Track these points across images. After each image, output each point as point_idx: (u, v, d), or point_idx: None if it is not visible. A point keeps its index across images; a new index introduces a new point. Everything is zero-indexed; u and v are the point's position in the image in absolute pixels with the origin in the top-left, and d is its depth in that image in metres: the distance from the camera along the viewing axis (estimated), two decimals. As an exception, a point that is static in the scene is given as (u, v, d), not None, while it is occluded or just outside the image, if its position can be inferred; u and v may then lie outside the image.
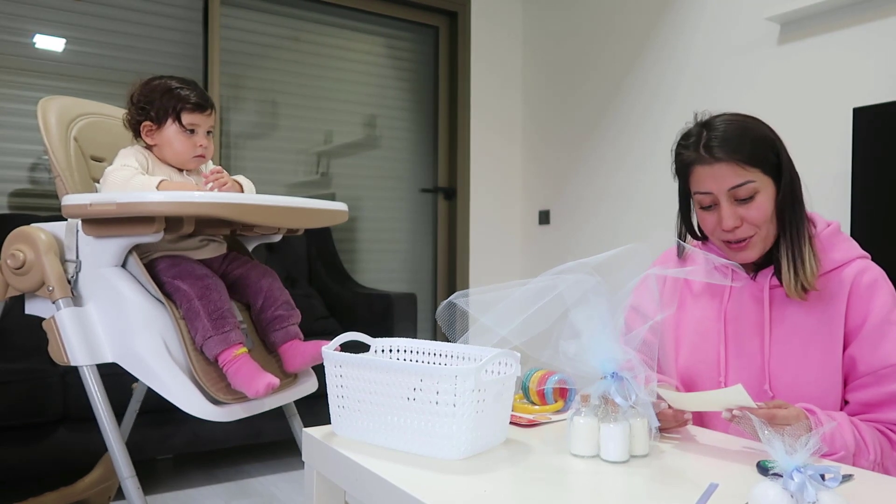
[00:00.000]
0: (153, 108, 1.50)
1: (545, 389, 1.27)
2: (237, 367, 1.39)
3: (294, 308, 1.59)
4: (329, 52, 3.52)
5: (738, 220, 1.19)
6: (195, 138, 1.52)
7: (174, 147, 1.51)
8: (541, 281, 1.05)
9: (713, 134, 1.19)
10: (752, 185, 1.18)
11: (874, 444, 1.10)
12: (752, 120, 1.23)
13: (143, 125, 1.52)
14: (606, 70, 3.40)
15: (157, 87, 1.52)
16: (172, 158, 1.53)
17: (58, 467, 2.15)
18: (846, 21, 2.43)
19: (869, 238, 2.14)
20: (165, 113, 1.50)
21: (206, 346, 1.41)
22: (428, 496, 0.84)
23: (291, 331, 1.56)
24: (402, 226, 3.77)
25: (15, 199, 2.78)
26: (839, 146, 2.40)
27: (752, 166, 1.18)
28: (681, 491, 0.88)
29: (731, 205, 1.19)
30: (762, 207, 1.19)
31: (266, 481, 2.48)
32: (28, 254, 1.45)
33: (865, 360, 1.16)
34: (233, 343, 1.41)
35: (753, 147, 1.18)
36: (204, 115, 1.53)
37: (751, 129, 1.21)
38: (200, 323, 1.40)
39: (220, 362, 1.41)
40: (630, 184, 3.27)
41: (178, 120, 1.50)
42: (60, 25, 2.87)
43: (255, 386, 1.37)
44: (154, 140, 1.52)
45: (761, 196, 1.19)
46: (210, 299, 1.42)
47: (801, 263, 1.18)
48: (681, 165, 1.26)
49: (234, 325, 1.43)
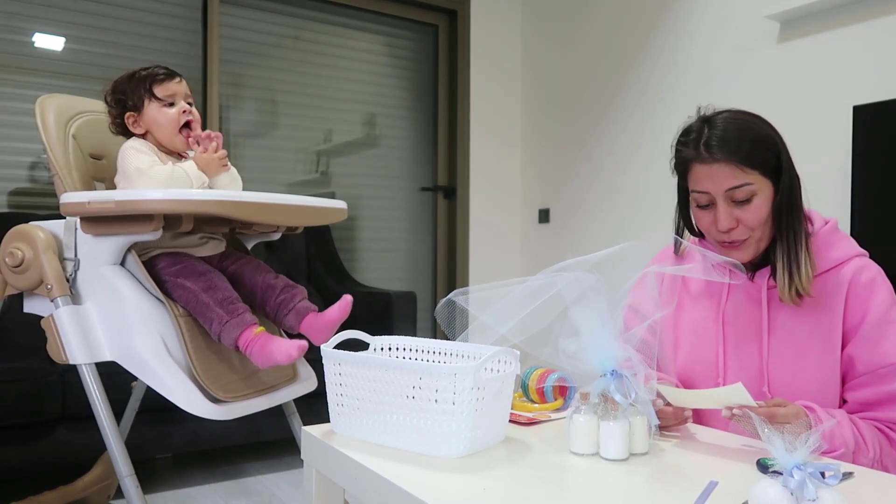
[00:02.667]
0: (127, 96, 1.51)
1: (545, 387, 1.27)
2: (261, 343, 1.38)
3: (296, 286, 1.56)
4: (328, 50, 3.52)
5: (733, 222, 1.18)
6: (176, 108, 1.52)
7: (160, 123, 1.51)
8: (540, 279, 1.05)
9: (713, 132, 1.17)
10: (749, 187, 1.16)
11: (873, 441, 1.10)
12: (755, 119, 1.21)
13: (127, 117, 1.52)
14: (606, 68, 3.40)
15: (122, 79, 1.53)
16: (163, 138, 1.52)
17: (57, 466, 2.15)
18: (846, 19, 2.43)
19: (868, 236, 2.14)
20: (140, 95, 1.50)
21: (224, 332, 1.39)
22: (427, 494, 0.84)
23: (302, 307, 1.52)
24: (401, 224, 3.77)
25: (14, 197, 2.77)
26: (839, 144, 2.40)
27: (751, 168, 1.16)
28: (680, 489, 0.88)
29: (728, 206, 1.18)
30: (759, 210, 1.17)
31: (265, 480, 2.48)
32: (26, 252, 1.45)
33: (864, 359, 1.15)
34: (249, 324, 1.40)
35: (753, 148, 1.16)
36: (175, 82, 1.53)
37: (752, 129, 1.19)
38: (213, 313, 1.40)
39: (242, 345, 1.39)
40: (630, 182, 3.27)
41: (153, 96, 1.50)
42: (60, 24, 2.87)
43: (287, 351, 1.35)
44: (141, 127, 1.52)
45: (758, 198, 1.17)
46: (217, 289, 1.42)
47: (796, 268, 1.17)
48: (680, 162, 1.24)
49: (246, 308, 1.43)
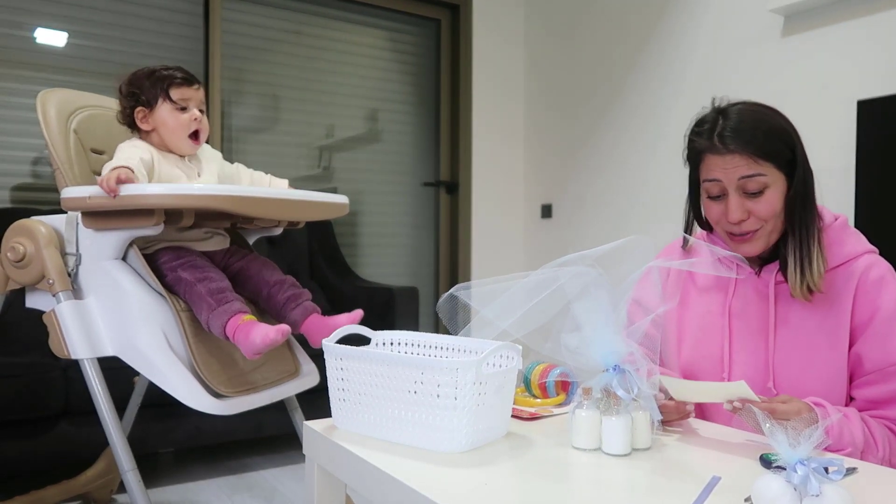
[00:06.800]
0: (143, 92, 1.51)
1: (547, 382, 1.27)
2: (247, 329, 1.36)
3: (302, 288, 1.58)
4: (330, 45, 3.51)
5: (744, 214, 1.17)
6: (188, 113, 1.52)
7: (169, 125, 1.51)
8: (542, 274, 1.04)
9: (728, 123, 1.16)
10: (762, 178, 1.15)
11: (884, 441, 1.09)
12: (771, 111, 1.20)
13: (137, 111, 1.52)
14: (610, 63, 3.39)
15: (142, 73, 1.53)
16: (169, 139, 1.52)
17: (60, 461, 2.15)
18: (850, 13, 2.42)
19: (873, 231, 2.12)
20: (155, 94, 1.50)
21: (212, 320, 1.39)
22: (429, 489, 0.83)
23: (309, 306, 1.54)
24: (403, 220, 3.76)
25: (16, 192, 2.77)
26: (843, 139, 2.39)
27: (765, 160, 1.15)
28: (683, 484, 0.87)
29: (740, 197, 1.17)
30: (771, 202, 1.16)
31: (268, 475, 2.48)
32: (28, 247, 1.45)
33: (872, 356, 1.14)
34: (237, 311, 1.39)
35: (768, 140, 1.15)
36: (192, 88, 1.53)
37: (767, 121, 1.18)
38: (204, 302, 1.40)
39: (229, 332, 1.38)
40: (633, 178, 3.26)
41: (168, 97, 1.50)
42: (61, 19, 2.87)
43: (264, 333, 1.34)
44: (149, 124, 1.52)
45: (771, 191, 1.16)
46: (210, 280, 1.43)
47: (808, 264, 1.16)
48: (692, 152, 1.23)
49: (237, 297, 1.42)
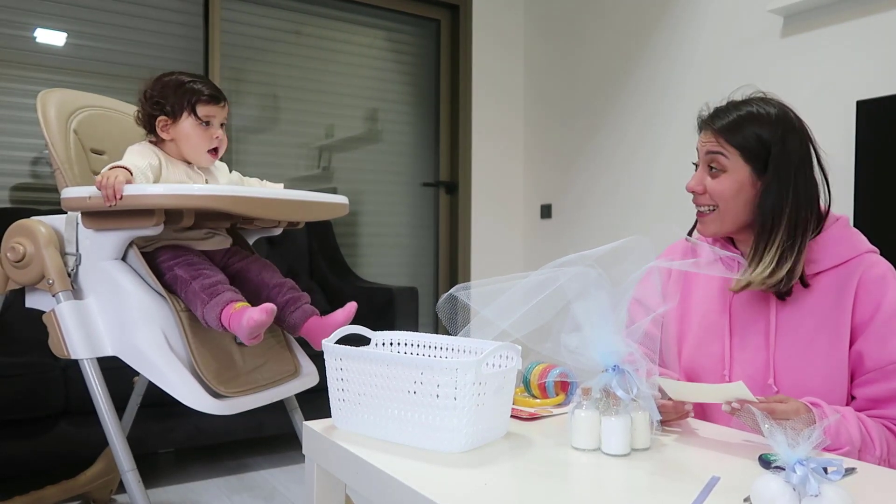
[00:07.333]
0: (168, 102, 1.50)
1: (546, 383, 1.27)
2: (238, 316, 1.36)
3: (302, 291, 1.59)
4: (330, 45, 3.51)
5: (699, 186, 1.25)
6: (211, 130, 1.52)
7: (191, 140, 1.51)
8: (542, 274, 1.05)
9: (722, 107, 1.26)
10: (723, 159, 1.22)
11: (881, 440, 1.09)
12: (773, 113, 1.22)
13: (159, 120, 1.51)
14: (610, 63, 3.39)
15: (170, 83, 1.51)
16: (188, 152, 1.52)
17: (59, 461, 2.15)
18: (850, 13, 2.42)
19: (873, 231, 2.12)
20: (181, 107, 1.49)
21: (207, 314, 1.39)
22: (428, 489, 0.83)
23: (308, 309, 1.55)
24: (403, 220, 3.76)
25: (16, 192, 2.77)
26: (842, 139, 2.39)
27: (731, 145, 1.21)
28: (682, 484, 0.87)
29: (703, 170, 1.26)
30: (724, 185, 1.22)
31: (267, 475, 2.48)
32: (28, 247, 1.45)
33: (873, 355, 1.15)
34: (229, 301, 1.39)
35: (740, 129, 1.21)
36: (218, 106, 1.53)
37: (755, 117, 1.21)
38: (198, 298, 1.40)
39: (224, 322, 1.38)
40: (633, 178, 3.26)
41: (193, 112, 1.50)
42: (61, 19, 2.87)
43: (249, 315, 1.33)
44: (170, 134, 1.51)
45: (727, 176, 1.22)
46: (205, 276, 1.43)
47: (756, 262, 1.18)
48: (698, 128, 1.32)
49: (227, 288, 1.42)
